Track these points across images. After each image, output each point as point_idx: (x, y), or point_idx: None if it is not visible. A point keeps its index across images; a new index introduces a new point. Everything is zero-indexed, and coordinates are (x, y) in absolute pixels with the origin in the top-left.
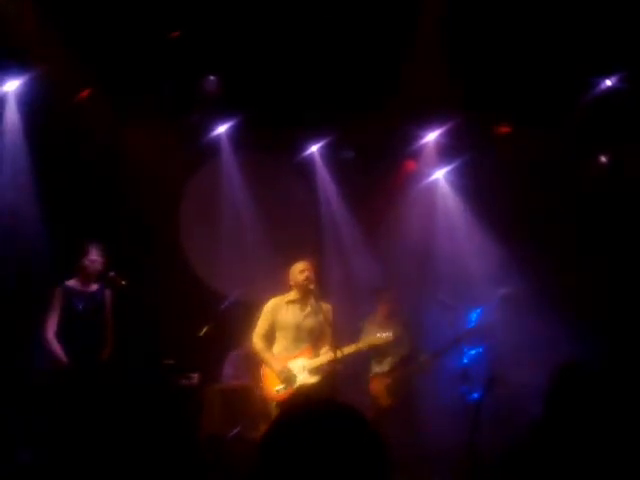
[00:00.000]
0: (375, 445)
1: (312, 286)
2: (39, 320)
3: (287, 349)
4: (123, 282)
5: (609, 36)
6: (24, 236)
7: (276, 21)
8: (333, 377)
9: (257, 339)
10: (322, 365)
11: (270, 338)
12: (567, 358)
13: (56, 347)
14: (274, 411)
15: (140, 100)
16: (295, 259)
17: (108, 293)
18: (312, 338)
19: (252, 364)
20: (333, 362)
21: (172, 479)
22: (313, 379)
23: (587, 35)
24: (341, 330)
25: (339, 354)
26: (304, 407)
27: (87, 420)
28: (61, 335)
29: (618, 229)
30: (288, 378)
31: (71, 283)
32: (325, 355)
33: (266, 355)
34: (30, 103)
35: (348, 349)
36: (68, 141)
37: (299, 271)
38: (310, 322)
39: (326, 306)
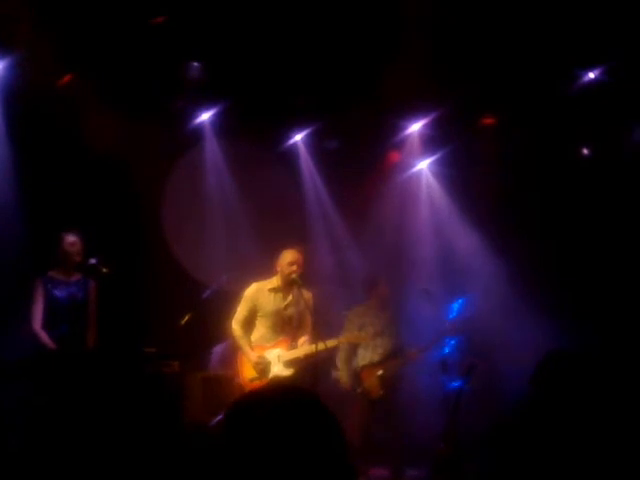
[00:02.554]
0: (333, 434)
1: (296, 276)
2: (18, 310)
3: (265, 337)
4: (104, 270)
5: (593, 28)
6: (2, 224)
7: (261, 8)
8: (313, 369)
9: (236, 325)
10: (298, 358)
11: (249, 324)
12: (550, 347)
13: (44, 337)
14: None
15: (123, 87)
16: (284, 246)
17: (92, 282)
18: (291, 327)
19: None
20: (310, 356)
21: (153, 465)
22: (287, 372)
23: (571, 27)
24: (322, 318)
25: (321, 346)
26: (262, 393)
27: (69, 408)
28: (45, 325)
29: (601, 219)
30: (262, 369)
31: (52, 273)
32: (302, 347)
33: (243, 343)
34: (10, 88)
35: (330, 342)
36: (49, 127)
37: (288, 263)
38: (290, 311)
39: (307, 294)
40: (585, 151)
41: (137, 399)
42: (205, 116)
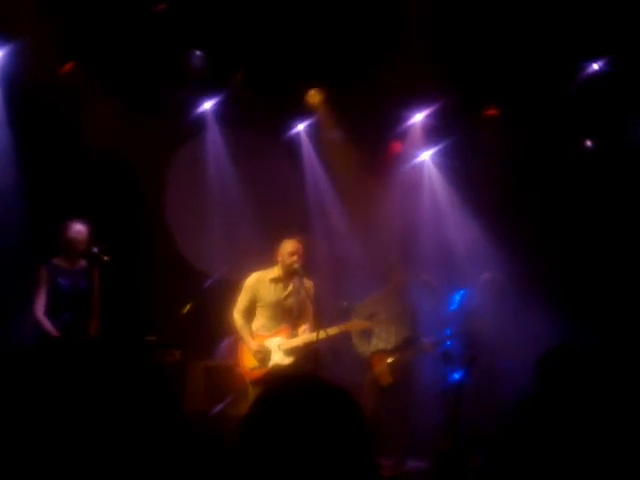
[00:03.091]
0: (355, 417)
1: (297, 265)
2: (22, 298)
3: (265, 326)
4: (106, 258)
5: (597, 19)
6: (4, 212)
7: None
8: (314, 357)
9: (237, 315)
10: (298, 347)
11: (250, 313)
12: (550, 339)
13: (47, 325)
14: (250, 388)
15: (125, 75)
16: (284, 236)
17: (96, 271)
18: (291, 317)
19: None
20: (310, 344)
21: (155, 454)
22: (287, 360)
23: (575, 18)
24: (322, 307)
25: (322, 334)
26: (283, 385)
27: (71, 396)
28: (48, 313)
29: (604, 213)
30: (263, 358)
31: (56, 261)
32: (302, 336)
33: (244, 332)
34: (12, 76)
35: (331, 330)
36: (51, 115)
37: (289, 253)
38: (291, 301)
39: (308, 283)
40: (588, 143)
41: (139, 387)
42: (207, 105)
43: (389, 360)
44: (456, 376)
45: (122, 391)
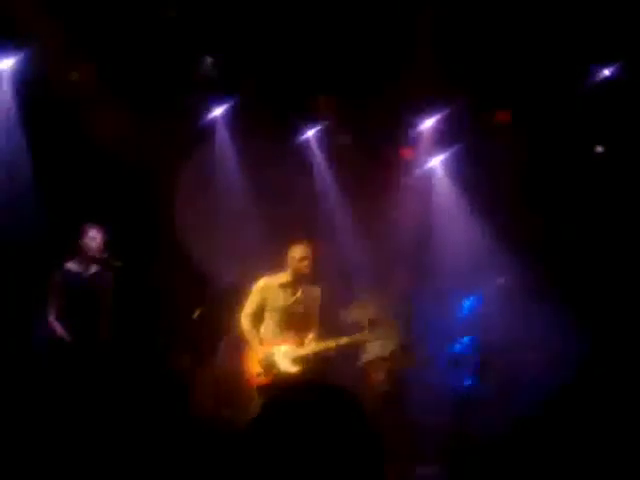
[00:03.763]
0: (362, 423)
1: (307, 270)
2: (37, 302)
3: (273, 332)
4: (117, 264)
5: (608, 24)
6: (19, 217)
7: (276, 3)
8: (322, 366)
9: (245, 319)
10: (305, 355)
11: (259, 318)
12: (560, 346)
13: (59, 329)
14: (255, 394)
15: (136, 81)
16: (294, 241)
17: (109, 275)
18: (300, 324)
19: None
20: (319, 353)
21: (162, 458)
22: (294, 369)
23: (586, 23)
24: (329, 314)
25: (332, 344)
26: (289, 390)
27: (82, 399)
28: (60, 317)
29: (615, 219)
30: (268, 365)
31: (70, 265)
32: (311, 345)
33: (251, 337)
34: (25, 81)
35: (343, 340)
36: (63, 120)
37: (299, 258)
38: (299, 307)
39: (317, 289)
40: (599, 149)
41: (148, 391)
42: (218, 111)
43: (386, 368)
44: (467, 382)
45: (131, 395)
